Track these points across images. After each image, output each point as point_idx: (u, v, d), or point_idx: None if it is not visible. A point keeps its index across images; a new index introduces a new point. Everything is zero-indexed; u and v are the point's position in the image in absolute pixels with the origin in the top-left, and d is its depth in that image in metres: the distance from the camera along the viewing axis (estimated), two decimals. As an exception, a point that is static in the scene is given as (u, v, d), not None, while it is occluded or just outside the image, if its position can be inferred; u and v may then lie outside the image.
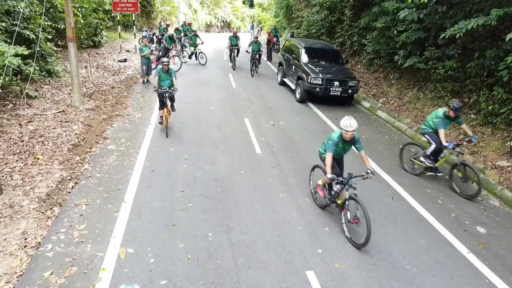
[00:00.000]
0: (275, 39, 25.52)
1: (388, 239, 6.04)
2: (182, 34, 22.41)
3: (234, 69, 19.37)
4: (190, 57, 20.41)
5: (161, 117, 10.01)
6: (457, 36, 9.56)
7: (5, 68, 9.22)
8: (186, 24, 25.57)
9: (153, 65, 15.82)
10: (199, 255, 5.34)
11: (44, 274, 4.80)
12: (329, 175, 5.76)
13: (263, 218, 6.37)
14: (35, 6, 13.58)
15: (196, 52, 20.10)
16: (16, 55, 10.13)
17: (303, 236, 5.94)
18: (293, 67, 15.01)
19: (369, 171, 5.91)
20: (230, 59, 20.04)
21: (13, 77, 11.07)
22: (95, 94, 13.10)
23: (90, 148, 8.72)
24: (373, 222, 6.13)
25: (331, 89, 13.13)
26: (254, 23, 50.28)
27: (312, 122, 11.86)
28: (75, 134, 9.38)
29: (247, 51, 19.35)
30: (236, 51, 19.52)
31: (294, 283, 4.91)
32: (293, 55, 15.36)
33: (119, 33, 24.66)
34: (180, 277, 4.88)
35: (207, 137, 9.84)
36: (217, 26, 60.89)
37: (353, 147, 6.18)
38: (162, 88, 9.76)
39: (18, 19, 11.71)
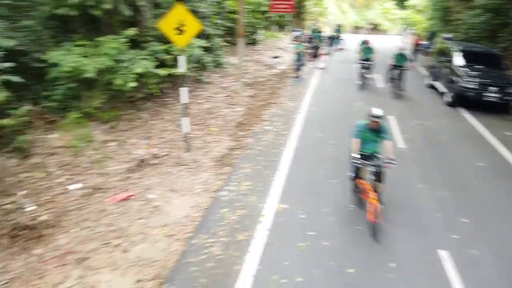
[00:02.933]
0: (425, 42, 24.93)
1: None
2: (335, 34, 23.52)
3: (360, 90, 14.96)
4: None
5: (357, 188, 6.55)
6: None
7: (191, 57, 11.39)
8: (337, 25, 26.71)
9: (305, 61, 17.11)
10: (340, 219, 6.26)
11: (221, 210, 6.30)
12: None
13: (400, 200, 6.93)
14: (212, 7, 16.07)
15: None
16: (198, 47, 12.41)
17: (439, 222, 6.35)
18: (445, 69, 14.65)
19: None
20: (361, 77, 15.31)
21: (194, 65, 13.48)
22: (253, 84, 14.97)
23: (251, 126, 10.30)
24: None
25: (485, 94, 12.56)
26: (405, 26, 48.44)
27: (461, 125, 11.62)
28: (239, 114, 11.15)
29: (389, 64, 14.88)
30: (366, 67, 15.28)
31: (427, 262, 5.44)
32: (446, 58, 14.98)
33: (275, 32, 26.81)
34: (325, 232, 5.86)
35: (352, 128, 10.58)
36: (365, 28, 60.30)
37: None
38: (365, 153, 6.20)
39: (201, 18, 14.15)
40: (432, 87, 16.02)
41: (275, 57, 21.50)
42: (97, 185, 7.01)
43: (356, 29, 55.17)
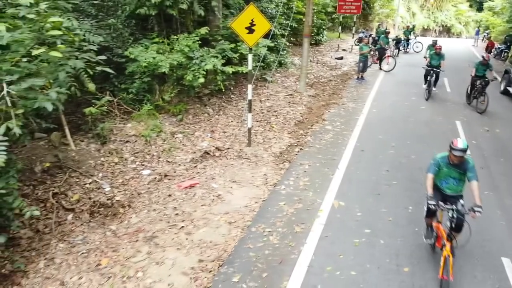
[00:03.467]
0: (500, 45, 23.50)
1: None
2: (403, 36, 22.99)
3: (426, 99, 13.55)
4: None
5: (431, 230, 5.49)
6: None
7: (259, 57, 11.75)
8: (407, 28, 25.99)
9: (369, 63, 16.86)
10: (399, 220, 6.23)
11: (279, 203, 6.56)
12: None
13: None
14: (279, 7, 16.37)
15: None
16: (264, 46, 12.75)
17: (503, 230, 6.13)
18: (522, 75, 13.80)
19: None
20: (427, 82, 13.95)
21: (259, 63, 13.86)
22: (315, 84, 15.06)
23: (311, 125, 10.44)
24: None
25: None
26: (480, 29, 45.62)
27: (536, 134, 10.93)
28: (300, 113, 11.34)
29: (471, 75, 13.10)
30: (434, 76, 13.80)
31: (489, 268, 5.30)
32: (524, 62, 14.10)
33: (339, 33, 26.59)
34: (381, 231, 5.90)
35: (414, 131, 10.37)
36: (435, 30, 57.51)
37: None
38: (444, 192, 5.25)
39: (269, 18, 14.50)
40: (506, 93, 15.13)
41: (339, 58, 21.37)
42: (165, 172, 7.58)
43: (425, 31, 52.84)
